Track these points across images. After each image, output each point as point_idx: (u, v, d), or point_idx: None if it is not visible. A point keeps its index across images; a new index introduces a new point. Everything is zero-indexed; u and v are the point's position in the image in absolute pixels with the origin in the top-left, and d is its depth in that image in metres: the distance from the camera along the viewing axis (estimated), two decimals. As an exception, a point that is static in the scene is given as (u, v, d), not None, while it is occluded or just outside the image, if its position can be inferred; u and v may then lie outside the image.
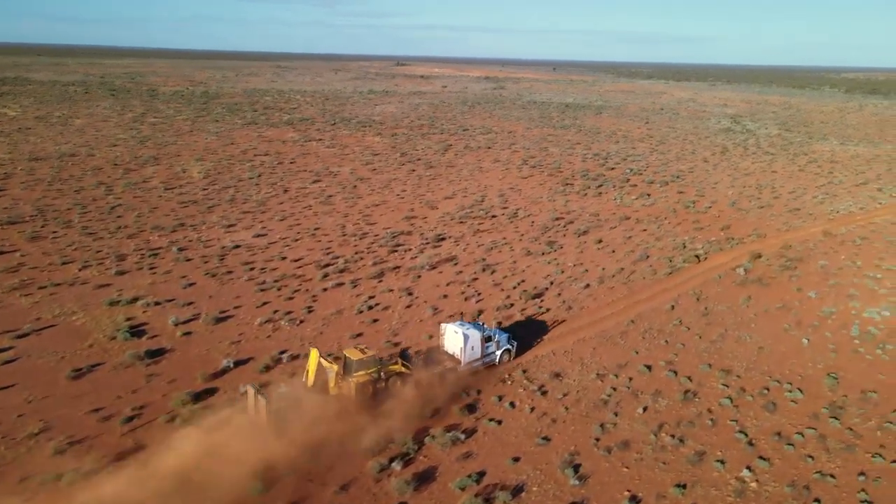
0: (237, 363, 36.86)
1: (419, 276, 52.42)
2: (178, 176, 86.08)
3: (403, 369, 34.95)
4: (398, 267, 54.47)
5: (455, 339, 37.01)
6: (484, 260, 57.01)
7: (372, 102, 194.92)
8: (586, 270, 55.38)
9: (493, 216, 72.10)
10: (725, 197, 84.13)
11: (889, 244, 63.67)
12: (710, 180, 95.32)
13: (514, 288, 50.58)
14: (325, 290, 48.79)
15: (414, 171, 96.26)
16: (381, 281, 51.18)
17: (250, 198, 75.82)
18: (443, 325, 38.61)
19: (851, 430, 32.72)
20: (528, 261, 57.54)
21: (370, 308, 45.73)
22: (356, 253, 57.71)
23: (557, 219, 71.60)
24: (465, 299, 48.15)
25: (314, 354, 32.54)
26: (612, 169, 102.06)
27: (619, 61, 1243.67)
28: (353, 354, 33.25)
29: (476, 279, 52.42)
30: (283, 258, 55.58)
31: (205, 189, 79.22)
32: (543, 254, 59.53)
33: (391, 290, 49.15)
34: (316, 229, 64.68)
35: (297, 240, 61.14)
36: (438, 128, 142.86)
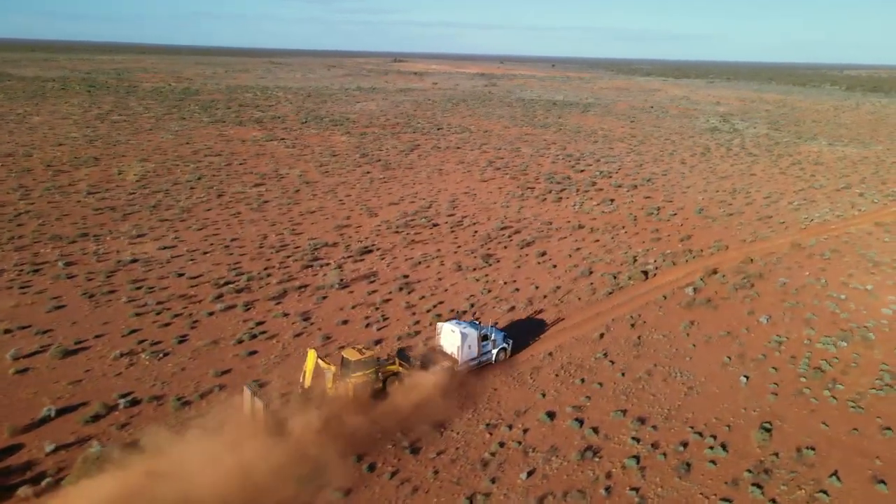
0: (62, 411, 31.38)
1: (325, 297, 46.85)
2: (111, 178, 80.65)
3: (401, 369, 34.52)
4: (305, 286, 48.89)
5: (452, 337, 36.13)
6: (406, 277, 51.39)
7: (354, 99, 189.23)
8: (517, 290, 49.73)
9: (435, 224, 66.45)
10: (694, 203, 78.28)
11: (861, 258, 57.82)
12: (682, 184, 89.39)
13: (428, 311, 44.92)
14: (211, 314, 43.23)
15: (369, 173, 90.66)
16: (279, 303, 45.61)
17: (176, 203, 70.28)
18: (439, 324, 37.72)
19: (774, 502, 27.07)
20: (456, 278, 51.91)
21: (253, 337, 40.17)
22: (266, 269, 52.15)
23: (504, 228, 65.90)
24: (367, 326, 42.53)
25: (312, 355, 31.50)
26: (582, 171, 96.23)
27: (620, 58, 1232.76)
28: (350, 355, 32.83)
29: (389, 300, 46.83)
30: (181, 275, 50.05)
31: (132, 193, 73.75)
32: (475, 269, 53.90)
33: (286, 315, 43.58)
34: (233, 240, 59.15)
35: (207, 252, 55.61)
36: (413, 126, 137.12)
